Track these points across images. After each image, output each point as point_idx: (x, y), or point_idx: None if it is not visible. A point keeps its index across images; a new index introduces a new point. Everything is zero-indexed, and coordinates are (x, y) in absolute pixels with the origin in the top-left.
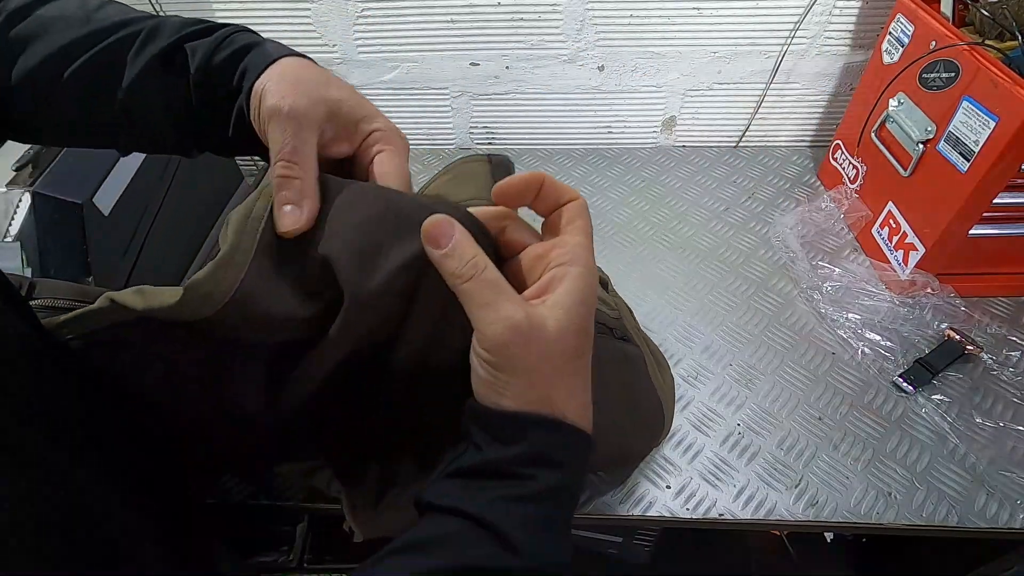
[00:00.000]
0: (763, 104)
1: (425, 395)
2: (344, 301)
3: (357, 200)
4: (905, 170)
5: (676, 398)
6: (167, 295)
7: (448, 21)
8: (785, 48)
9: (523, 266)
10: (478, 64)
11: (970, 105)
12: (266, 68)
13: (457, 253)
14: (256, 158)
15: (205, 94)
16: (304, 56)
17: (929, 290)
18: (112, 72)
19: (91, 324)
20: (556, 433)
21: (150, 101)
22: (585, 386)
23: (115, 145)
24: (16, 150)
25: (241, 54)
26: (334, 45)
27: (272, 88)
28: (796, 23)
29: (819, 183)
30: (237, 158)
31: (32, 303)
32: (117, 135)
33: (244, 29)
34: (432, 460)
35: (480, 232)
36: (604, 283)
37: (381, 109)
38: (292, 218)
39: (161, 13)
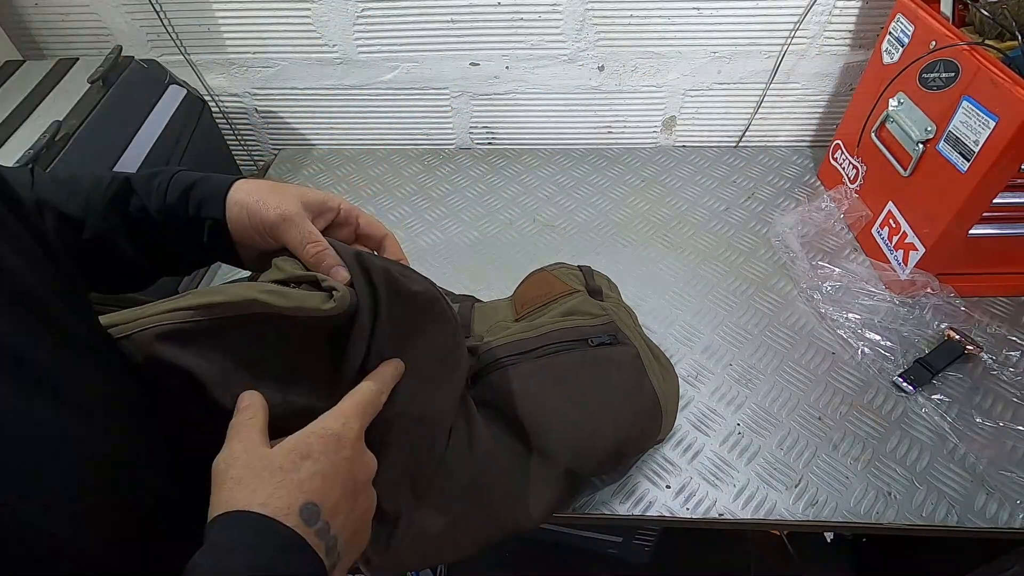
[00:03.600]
0: (763, 104)
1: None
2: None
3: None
4: (905, 170)
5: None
6: (315, 300)
7: (448, 21)
8: (785, 48)
9: None
10: (478, 64)
11: (970, 105)
12: (226, 194)
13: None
14: (257, 160)
15: (169, 225)
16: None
17: (929, 290)
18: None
19: (228, 311)
20: (228, 519)
21: (113, 235)
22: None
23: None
24: (16, 151)
25: (188, 191)
26: (334, 45)
27: (260, 204)
28: (796, 23)
29: (819, 183)
30: (239, 161)
31: None
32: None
33: (181, 170)
34: (425, 486)
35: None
36: (597, 291)
37: (381, 109)
38: (343, 272)
39: (162, 13)
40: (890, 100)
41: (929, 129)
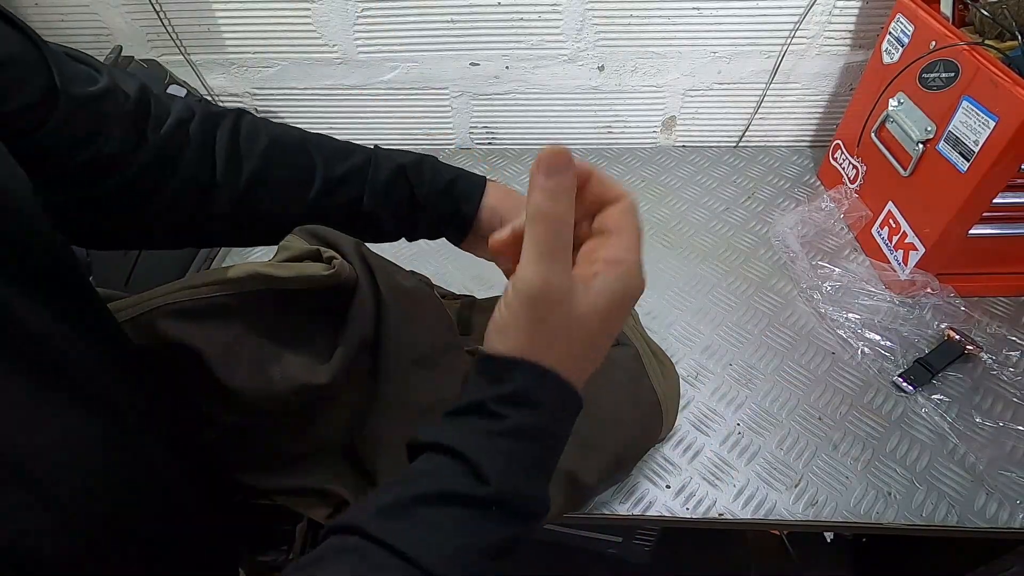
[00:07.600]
0: (763, 104)
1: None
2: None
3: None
4: (905, 170)
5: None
6: (315, 268)
7: (448, 21)
8: (785, 48)
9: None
10: (478, 64)
11: (970, 105)
12: (482, 192)
13: (557, 192)
14: None
15: (430, 208)
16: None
17: (929, 290)
18: (351, 191)
19: (237, 287)
20: (540, 379)
21: (382, 211)
22: (588, 367)
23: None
24: None
25: (450, 185)
26: (334, 45)
27: (514, 204)
28: (796, 23)
29: (819, 183)
30: None
31: None
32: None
33: (434, 159)
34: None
35: None
36: None
37: (381, 109)
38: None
39: (162, 13)
40: (890, 100)
41: (929, 129)
